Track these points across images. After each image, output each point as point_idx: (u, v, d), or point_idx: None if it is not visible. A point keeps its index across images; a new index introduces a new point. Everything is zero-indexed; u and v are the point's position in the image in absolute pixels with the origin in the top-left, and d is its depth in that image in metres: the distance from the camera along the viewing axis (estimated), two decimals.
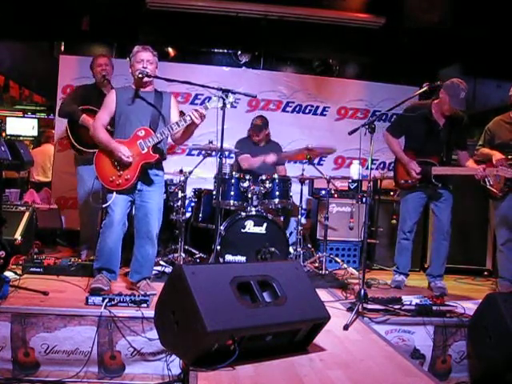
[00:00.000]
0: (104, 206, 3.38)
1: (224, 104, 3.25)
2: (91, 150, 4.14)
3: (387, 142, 4.06)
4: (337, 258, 4.72)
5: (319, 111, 6.07)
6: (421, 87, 3.50)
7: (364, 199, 4.81)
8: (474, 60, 5.69)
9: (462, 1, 5.08)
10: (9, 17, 5.23)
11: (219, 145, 3.38)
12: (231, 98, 3.27)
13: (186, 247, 4.53)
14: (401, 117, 4.08)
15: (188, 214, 4.70)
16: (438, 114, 3.89)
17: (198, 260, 4.51)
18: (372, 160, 3.39)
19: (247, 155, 4.85)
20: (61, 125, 5.16)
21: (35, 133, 9.26)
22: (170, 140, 3.51)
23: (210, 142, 4.32)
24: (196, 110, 3.21)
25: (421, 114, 3.87)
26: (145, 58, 3.30)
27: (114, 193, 3.29)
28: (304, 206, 5.52)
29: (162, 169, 3.49)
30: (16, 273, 3.60)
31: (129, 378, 2.91)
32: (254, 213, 4.27)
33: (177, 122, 3.27)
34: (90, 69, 4.35)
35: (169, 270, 4.05)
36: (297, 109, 6.04)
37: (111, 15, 5.52)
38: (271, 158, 4.75)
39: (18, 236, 4.23)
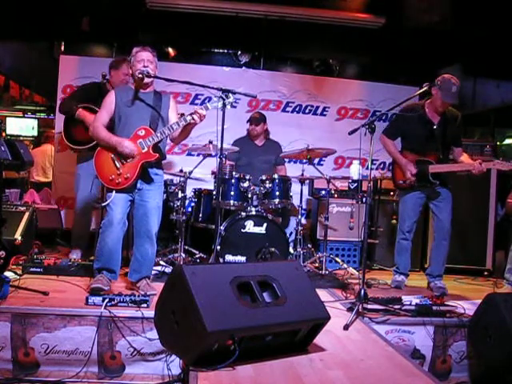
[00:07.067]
0: (103, 204, 3.38)
1: (224, 104, 3.26)
2: (84, 147, 4.18)
3: (383, 144, 4.09)
4: (337, 258, 4.72)
5: (319, 111, 6.07)
6: (421, 87, 3.51)
7: (364, 199, 4.80)
8: (473, 60, 5.69)
9: (462, 1, 5.07)
10: (9, 17, 5.23)
11: (219, 145, 3.39)
12: (231, 98, 3.28)
13: (186, 247, 4.53)
14: (395, 118, 4.09)
15: (188, 214, 4.70)
16: (432, 113, 3.92)
17: (198, 260, 4.51)
18: (372, 160, 3.39)
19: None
20: (61, 125, 5.16)
21: (35, 133, 9.27)
22: (168, 140, 3.51)
23: (210, 142, 4.32)
24: (196, 111, 3.22)
25: (415, 114, 3.90)
26: (145, 57, 3.31)
27: (114, 192, 3.29)
28: (304, 206, 5.52)
29: (161, 168, 3.49)
30: (16, 273, 3.60)
31: (129, 378, 2.92)
32: (253, 213, 4.27)
33: (177, 122, 3.27)
34: (113, 68, 4.25)
35: (169, 270, 4.05)
36: (297, 109, 6.04)
37: (111, 15, 5.51)
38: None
39: (18, 236, 4.23)
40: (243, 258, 4.14)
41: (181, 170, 4.53)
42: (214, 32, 5.88)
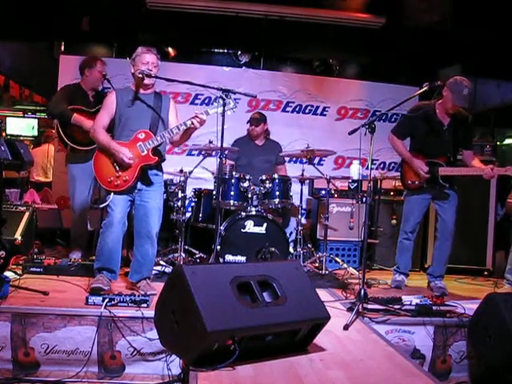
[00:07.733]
0: (101, 206, 3.38)
1: (224, 110, 3.26)
2: (84, 148, 4.17)
3: (392, 143, 4.04)
4: (337, 258, 4.72)
5: (319, 111, 6.07)
6: (421, 87, 3.50)
7: (364, 199, 4.80)
8: (474, 60, 5.69)
9: (462, 1, 5.07)
10: (9, 17, 5.23)
11: (219, 145, 3.39)
12: (232, 104, 3.27)
13: (186, 247, 4.53)
14: (405, 118, 4.07)
15: (188, 214, 4.70)
16: (442, 114, 3.87)
17: (198, 260, 4.51)
18: (372, 160, 3.39)
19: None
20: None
21: (35, 133, 9.27)
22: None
23: (210, 142, 4.32)
24: (196, 116, 3.21)
25: (425, 114, 3.85)
26: (150, 60, 3.28)
27: (112, 193, 3.28)
28: (304, 206, 5.52)
29: (161, 169, 3.49)
30: (16, 273, 3.60)
31: (129, 378, 2.92)
32: (253, 213, 4.27)
33: (177, 126, 3.26)
34: (87, 67, 4.29)
35: (169, 269, 4.05)
36: (297, 109, 6.04)
37: (111, 15, 5.51)
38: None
39: (18, 236, 4.23)
40: (243, 258, 4.14)
41: (181, 170, 4.53)
42: (214, 32, 5.88)
